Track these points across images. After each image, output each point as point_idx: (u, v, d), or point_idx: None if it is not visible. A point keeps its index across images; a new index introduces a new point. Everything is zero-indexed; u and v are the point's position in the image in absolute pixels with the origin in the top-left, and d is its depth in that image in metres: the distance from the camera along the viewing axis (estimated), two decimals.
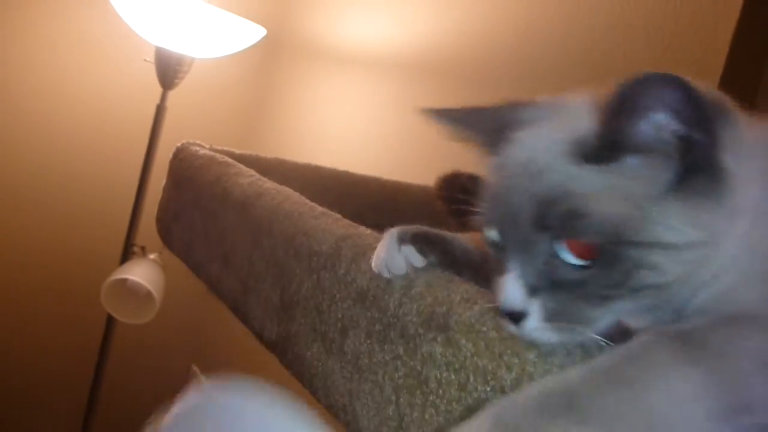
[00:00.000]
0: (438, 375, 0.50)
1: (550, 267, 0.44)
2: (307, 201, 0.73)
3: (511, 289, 0.46)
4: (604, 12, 1.22)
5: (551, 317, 0.44)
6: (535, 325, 0.44)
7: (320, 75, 2.03)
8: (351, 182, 1.09)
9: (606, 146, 0.43)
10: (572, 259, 0.43)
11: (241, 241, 0.77)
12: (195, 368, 2.33)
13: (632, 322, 0.45)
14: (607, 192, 0.43)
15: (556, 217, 0.43)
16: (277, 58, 2.22)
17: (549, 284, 0.45)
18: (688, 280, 0.43)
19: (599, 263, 0.43)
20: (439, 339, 0.50)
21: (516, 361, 0.44)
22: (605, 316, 0.44)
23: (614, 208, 0.42)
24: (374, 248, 0.57)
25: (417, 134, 1.60)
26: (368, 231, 0.64)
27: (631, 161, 0.43)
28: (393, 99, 1.72)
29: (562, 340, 0.44)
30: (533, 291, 0.45)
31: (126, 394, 2.14)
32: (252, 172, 0.84)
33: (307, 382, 0.63)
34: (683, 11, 1.10)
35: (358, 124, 1.83)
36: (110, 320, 1.86)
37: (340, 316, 0.60)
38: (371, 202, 1.08)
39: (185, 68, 1.76)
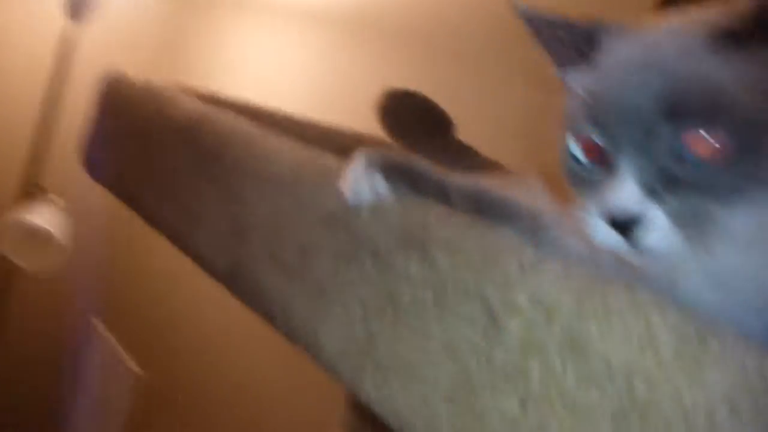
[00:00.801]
0: (412, 292, 0.49)
1: (673, 166, 0.40)
2: (259, 127, 0.70)
3: (625, 189, 0.41)
4: None
5: (677, 220, 0.40)
6: (657, 230, 0.40)
7: (247, 18, 1.95)
8: (290, 125, 1.05)
9: (759, 23, 0.40)
10: (700, 155, 0.39)
11: (186, 169, 0.72)
12: (96, 323, 2.22)
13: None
14: (748, 79, 0.40)
15: (692, 106, 0.40)
16: None
17: (670, 185, 0.40)
18: None
19: (731, 158, 0.39)
20: (414, 257, 0.49)
21: (498, 273, 0.44)
22: (736, 216, 0.40)
23: (755, 95, 0.39)
24: (337, 170, 0.55)
25: (347, 88, 1.57)
26: (329, 154, 0.62)
27: None
28: (322, 50, 1.68)
29: (686, 247, 0.40)
30: (652, 192, 0.40)
31: (23, 350, 2.00)
32: (194, 98, 0.79)
33: (264, 310, 0.60)
34: None
35: (286, 72, 1.77)
36: (8, 272, 1.73)
37: (302, 239, 0.58)
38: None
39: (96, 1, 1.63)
